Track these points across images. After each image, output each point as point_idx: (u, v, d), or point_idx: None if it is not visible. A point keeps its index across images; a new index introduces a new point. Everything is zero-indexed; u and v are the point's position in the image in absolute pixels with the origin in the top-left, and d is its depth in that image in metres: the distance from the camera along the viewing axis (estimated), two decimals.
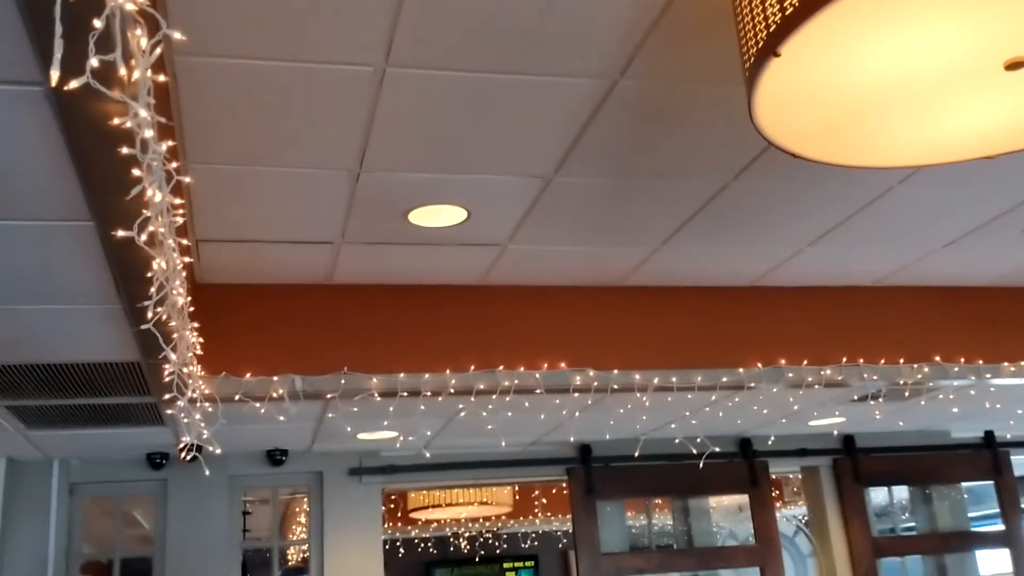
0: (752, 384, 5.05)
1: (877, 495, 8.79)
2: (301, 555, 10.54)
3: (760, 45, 2.07)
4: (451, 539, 13.09)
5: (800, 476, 8.10)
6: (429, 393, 4.64)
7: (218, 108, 2.96)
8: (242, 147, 3.22)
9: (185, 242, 2.73)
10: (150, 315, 2.47)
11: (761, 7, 2.07)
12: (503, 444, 6.01)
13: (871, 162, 2.65)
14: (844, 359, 5.18)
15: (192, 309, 3.62)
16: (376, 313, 4.73)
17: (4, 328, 3.66)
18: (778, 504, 10.32)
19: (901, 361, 5.25)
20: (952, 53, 2.12)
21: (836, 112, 2.37)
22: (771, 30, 2.02)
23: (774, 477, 7.77)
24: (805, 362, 5.12)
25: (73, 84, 1.43)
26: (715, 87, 3.11)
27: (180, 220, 2.62)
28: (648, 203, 4.04)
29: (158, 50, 1.79)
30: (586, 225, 4.23)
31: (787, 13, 1.97)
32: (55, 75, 1.28)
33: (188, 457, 4.32)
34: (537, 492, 10.92)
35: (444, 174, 3.58)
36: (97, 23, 1.45)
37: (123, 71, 1.55)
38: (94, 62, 1.45)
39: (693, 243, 4.52)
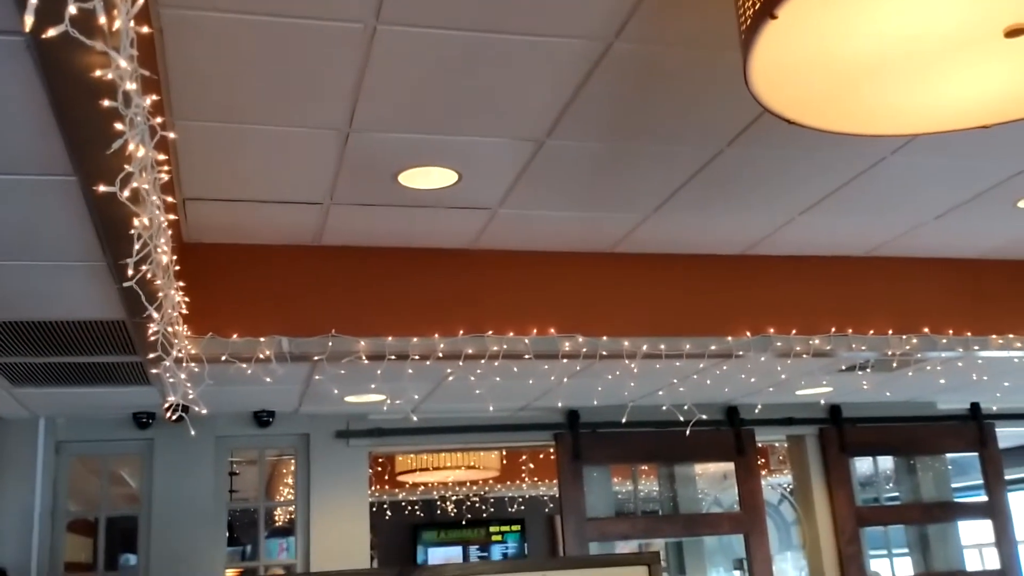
0: (740, 352, 5.05)
1: (862, 464, 8.85)
2: (288, 516, 10.59)
3: (757, 7, 2.04)
4: (438, 502, 13.15)
5: (786, 445, 8.14)
6: (417, 357, 4.62)
7: (205, 63, 2.91)
8: (230, 104, 3.17)
9: (171, 200, 2.69)
10: (131, 272, 2.44)
11: None
12: (491, 409, 6.00)
13: (867, 130, 2.62)
14: (833, 329, 5.18)
15: (178, 268, 3.59)
16: (365, 275, 4.71)
17: None
18: (764, 472, 10.38)
19: (890, 332, 5.25)
20: (951, 19, 2.08)
21: (832, 78, 2.33)
22: None
23: (760, 445, 7.81)
24: (794, 331, 5.12)
25: (51, 32, 1.39)
26: (711, 52, 3.07)
27: (165, 177, 2.59)
28: (641, 169, 4.01)
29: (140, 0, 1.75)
30: (578, 190, 4.20)
31: None
32: (29, 20, 1.24)
33: (174, 417, 4.30)
34: (524, 457, 10.96)
35: (435, 135, 3.54)
36: None
37: (104, 20, 1.50)
38: (72, 9, 1.41)
39: (685, 210, 4.50)
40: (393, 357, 4.59)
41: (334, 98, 3.19)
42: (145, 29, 1.91)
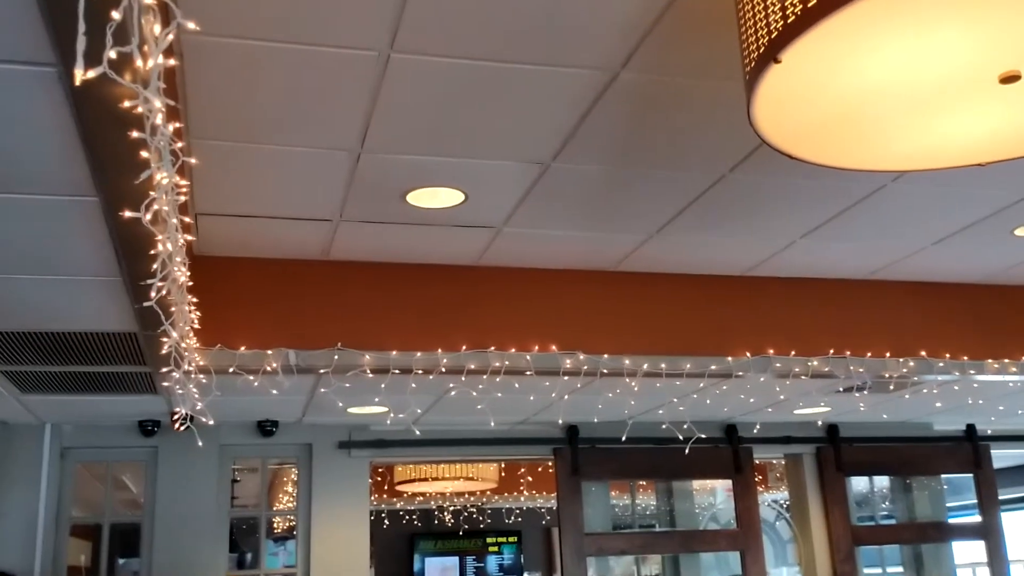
0: (740, 373, 5.12)
1: (858, 483, 8.90)
2: (288, 523, 10.63)
3: (761, 51, 2.11)
4: (436, 512, 13.19)
5: (783, 462, 8.20)
6: (420, 371, 4.68)
7: (223, 86, 2.98)
8: (245, 125, 3.25)
9: (187, 219, 2.76)
10: (153, 294, 2.51)
11: (764, 13, 2.10)
12: (492, 424, 6.07)
13: (864, 165, 2.69)
14: (831, 351, 5.25)
15: (191, 284, 3.65)
16: (371, 290, 4.77)
17: (7, 297, 3.69)
18: (761, 489, 10.43)
19: (887, 355, 5.32)
20: (949, 63, 2.16)
21: (832, 117, 2.41)
22: (773, 36, 2.06)
23: (758, 462, 7.87)
24: (793, 352, 5.18)
25: (90, 74, 1.46)
26: (714, 82, 3.15)
27: (183, 199, 2.66)
28: (644, 192, 4.08)
29: (170, 37, 1.82)
30: (582, 211, 4.27)
31: (789, 21, 2.01)
32: (79, 73, 1.31)
33: (182, 428, 4.36)
34: (523, 469, 11.01)
35: (443, 157, 3.61)
36: (115, 15, 1.48)
37: (139, 63, 1.58)
38: (112, 54, 1.48)
39: (687, 232, 4.57)
40: (397, 371, 4.65)
41: (346, 121, 3.26)
42: (171, 61, 1.98)
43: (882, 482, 8.83)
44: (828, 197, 4.26)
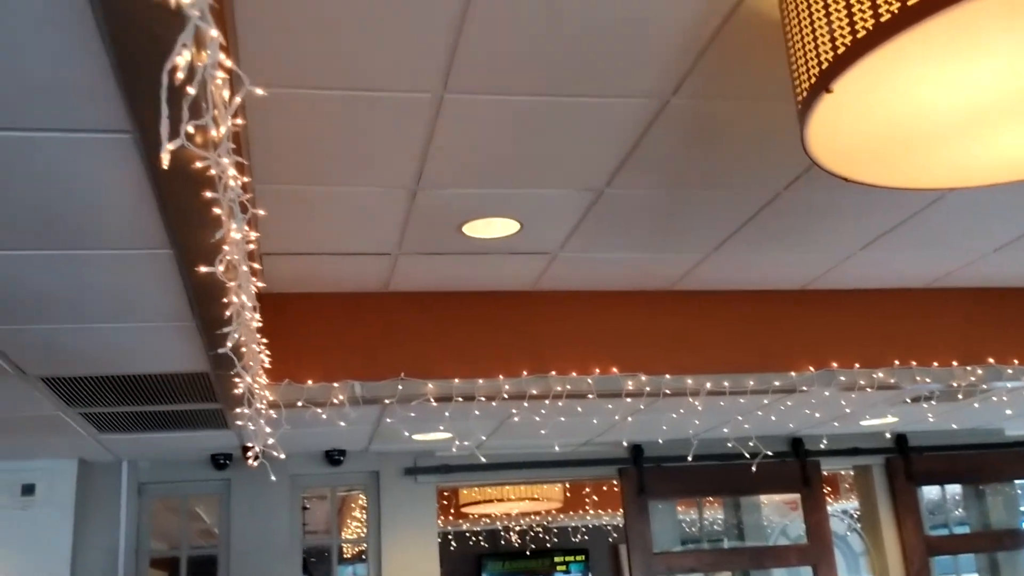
0: (804, 387, 5.07)
1: (930, 491, 8.75)
2: (357, 548, 10.75)
3: (812, 81, 2.13)
4: (502, 532, 13.22)
5: (852, 474, 8.09)
6: (483, 398, 4.73)
7: (285, 133, 3.08)
8: (306, 168, 3.35)
9: (257, 266, 2.86)
10: (229, 344, 2.60)
11: (813, 43, 2.13)
12: (556, 449, 6.08)
13: (920, 184, 2.70)
14: (896, 362, 5.19)
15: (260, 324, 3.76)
16: (431, 320, 4.84)
17: (86, 345, 3.83)
18: (832, 499, 10.29)
19: (954, 363, 5.24)
20: (999, 88, 2.16)
21: (884, 136, 2.42)
22: (823, 67, 2.08)
23: (826, 474, 7.78)
24: (857, 365, 5.13)
25: (170, 147, 1.54)
26: (765, 104, 3.17)
27: (252, 247, 2.75)
28: (699, 213, 4.10)
29: (238, 100, 1.90)
30: (637, 233, 4.29)
31: (839, 52, 2.03)
32: (166, 158, 1.39)
33: (255, 463, 4.47)
34: (588, 488, 11.00)
35: (498, 189, 3.67)
36: (190, 90, 1.56)
37: (213, 133, 1.66)
38: (190, 128, 1.56)
39: (744, 249, 4.57)
40: (460, 399, 4.71)
41: (403, 160, 3.34)
42: (239, 120, 2.07)
43: (954, 489, 8.66)
44: (886, 209, 4.23)
